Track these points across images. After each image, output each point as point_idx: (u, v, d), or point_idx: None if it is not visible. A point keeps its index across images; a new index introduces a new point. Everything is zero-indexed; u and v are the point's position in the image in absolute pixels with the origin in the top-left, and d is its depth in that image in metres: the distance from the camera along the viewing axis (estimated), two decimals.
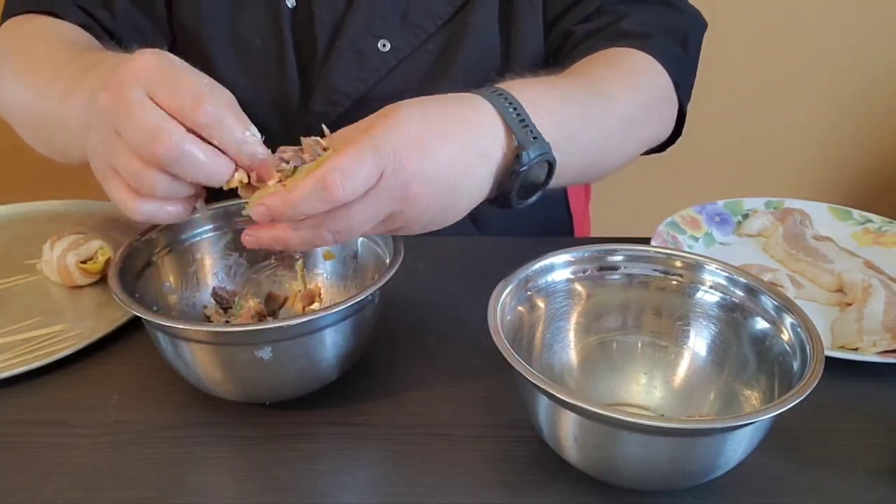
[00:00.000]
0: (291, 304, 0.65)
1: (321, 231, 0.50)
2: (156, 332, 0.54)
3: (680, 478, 0.48)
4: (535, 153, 0.55)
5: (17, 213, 0.85)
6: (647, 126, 0.72)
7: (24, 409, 0.58)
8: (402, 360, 0.62)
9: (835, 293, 0.71)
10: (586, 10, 0.78)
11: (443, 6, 0.77)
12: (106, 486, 0.51)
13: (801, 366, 0.48)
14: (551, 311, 0.57)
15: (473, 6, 0.77)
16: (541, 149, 0.55)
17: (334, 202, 0.48)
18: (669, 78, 0.74)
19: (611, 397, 0.57)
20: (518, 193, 0.57)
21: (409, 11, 0.77)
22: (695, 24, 0.80)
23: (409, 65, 0.78)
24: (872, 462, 0.53)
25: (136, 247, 0.60)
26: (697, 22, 0.81)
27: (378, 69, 0.77)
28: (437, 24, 0.77)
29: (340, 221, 0.50)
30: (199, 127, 0.48)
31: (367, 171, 0.48)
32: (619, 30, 0.75)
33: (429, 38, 0.78)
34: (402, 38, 0.77)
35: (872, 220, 0.81)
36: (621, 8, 0.77)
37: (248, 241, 0.52)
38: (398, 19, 0.77)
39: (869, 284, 0.68)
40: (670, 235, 0.77)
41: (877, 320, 0.64)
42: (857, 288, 0.69)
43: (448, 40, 0.78)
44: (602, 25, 0.77)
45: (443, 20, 0.77)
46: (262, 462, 0.53)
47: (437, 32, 0.78)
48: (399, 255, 0.57)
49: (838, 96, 1.53)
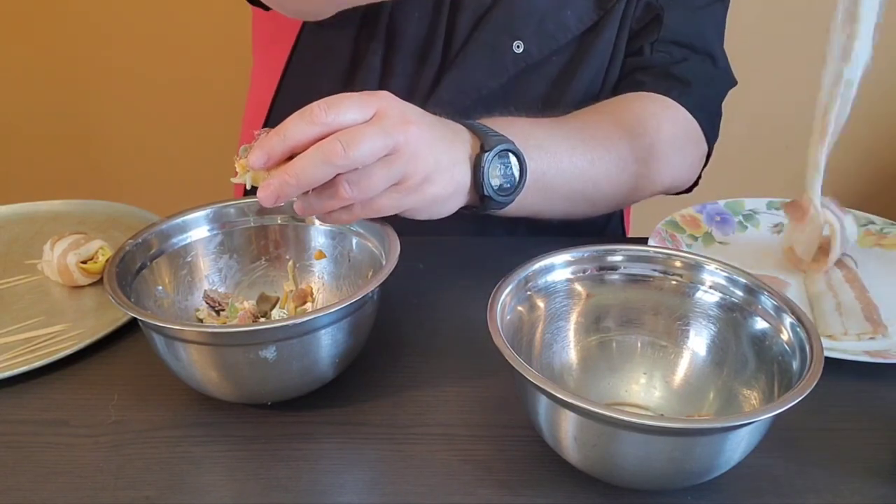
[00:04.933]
0: (283, 304, 0.65)
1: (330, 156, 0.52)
2: (156, 335, 0.54)
3: (679, 477, 0.48)
4: (496, 143, 0.61)
5: (17, 213, 0.85)
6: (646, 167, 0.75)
7: (24, 409, 0.58)
8: (402, 360, 0.63)
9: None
10: (641, 42, 0.81)
11: (575, 22, 0.79)
12: (106, 486, 0.51)
13: (800, 366, 0.48)
14: (551, 310, 0.57)
15: (602, 28, 0.79)
16: (501, 141, 0.62)
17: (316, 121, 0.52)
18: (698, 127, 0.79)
19: (610, 397, 0.57)
20: (499, 192, 0.63)
21: (546, 20, 0.79)
22: (727, 82, 0.85)
23: (536, 71, 0.81)
24: (872, 462, 0.53)
25: (130, 250, 0.60)
26: (730, 80, 0.85)
27: (508, 69, 0.79)
28: (568, 38, 0.79)
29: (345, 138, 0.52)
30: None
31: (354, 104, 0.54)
32: (668, 72, 0.79)
33: (558, 50, 0.80)
34: (535, 44, 0.79)
35: (874, 221, 0.81)
36: (674, 50, 0.80)
37: (261, 198, 0.54)
38: (535, 25, 0.78)
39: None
40: (669, 234, 0.77)
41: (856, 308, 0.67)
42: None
43: (571, 57, 0.81)
44: (653, 63, 0.80)
45: (574, 35, 0.79)
46: (261, 462, 0.53)
47: (566, 46, 0.80)
48: (396, 251, 0.57)
49: None
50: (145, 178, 1.77)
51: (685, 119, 0.78)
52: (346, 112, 0.54)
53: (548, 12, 0.78)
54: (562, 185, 0.69)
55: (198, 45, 1.64)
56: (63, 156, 1.79)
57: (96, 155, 1.79)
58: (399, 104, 0.57)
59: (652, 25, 0.80)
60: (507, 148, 0.62)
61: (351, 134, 0.53)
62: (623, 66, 0.82)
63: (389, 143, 0.54)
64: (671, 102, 0.78)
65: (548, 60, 0.80)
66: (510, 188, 0.63)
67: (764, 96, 1.54)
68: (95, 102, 1.72)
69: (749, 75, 1.50)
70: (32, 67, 1.70)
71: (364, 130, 0.53)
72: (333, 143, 0.52)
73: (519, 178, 0.64)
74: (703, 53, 0.82)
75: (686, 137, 0.79)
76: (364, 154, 0.53)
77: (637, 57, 0.82)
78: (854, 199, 1.64)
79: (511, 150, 0.62)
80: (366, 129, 0.53)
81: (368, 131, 0.53)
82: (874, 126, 1.55)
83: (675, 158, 0.78)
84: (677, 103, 0.78)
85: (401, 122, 0.55)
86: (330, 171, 0.53)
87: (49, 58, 1.68)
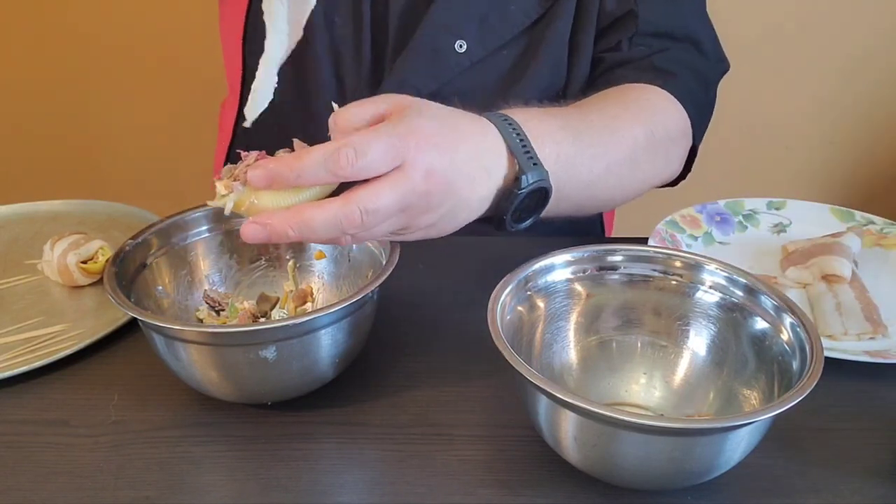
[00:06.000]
0: (283, 304, 0.65)
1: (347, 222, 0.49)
2: (156, 335, 0.54)
3: (679, 477, 0.48)
4: (533, 178, 0.57)
5: (17, 213, 0.85)
6: (652, 166, 0.74)
7: (24, 409, 0.58)
8: (402, 360, 0.63)
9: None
10: (619, 37, 0.79)
11: (520, 16, 0.78)
12: (106, 486, 0.51)
13: (800, 365, 0.48)
14: (551, 310, 0.57)
15: (550, 20, 0.78)
16: (539, 175, 0.57)
17: (340, 174, 0.49)
18: (688, 118, 0.76)
19: (610, 397, 0.57)
20: (513, 216, 0.59)
21: (489, 16, 0.77)
22: (718, 67, 0.83)
23: (483, 68, 0.79)
24: (872, 462, 0.53)
25: (129, 250, 0.60)
26: (721, 64, 0.83)
27: (451, 69, 0.78)
28: (514, 33, 0.78)
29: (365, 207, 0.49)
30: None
31: (381, 152, 0.49)
32: (649, 64, 0.77)
33: (504, 45, 0.79)
34: (478, 42, 0.78)
35: (875, 221, 0.81)
36: (654, 42, 0.78)
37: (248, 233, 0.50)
38: (477, 22, 0.77)
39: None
40: (669, 234, 0.77)
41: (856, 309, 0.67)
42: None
43: (523, 50, 0.79)
44: (633, 56, 0.78)
45: (519, 30, 0.78)
46: (261, 462, 0.53)
47: (514, 41, 0.79)
48: (396, 251, 0.57)
49: (839, 97, 1.53)
50: (145, 178, 1.77)
51: (678, 110, 0.77)
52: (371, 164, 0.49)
53: (490, 9, 0.77)
54: (576, 196, 0.66)
55: (198, 46, 1.64)
56: (63, 156, 1.79)
57: (96, 155, 1.79)
58: (427, 149, 0.51)
59: (627, 19, 0.78)
60: (542, 186, 0.58)
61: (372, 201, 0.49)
62: (602, 61, 0.80)
63: (405, 204, 0.51)
64: (667, 94, 0.76)
65: (496, 55, 0.79)
66: (527, 217, 0.61)
67: (764, 96, 1.54)
68: (95, 103, 1.72)
69: (749, 75, 1.51)
70: (32, 68, 1.70)
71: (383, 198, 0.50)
72: (352, 213, 0.49)
73: (540, 209, 0.61)
74: (684, 41, 0.79)
75: (680, 130, 0.77)
76: (378, 220, 0.50)
77: (615, 52, 0.80)
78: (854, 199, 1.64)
79: (545, 186, 0.58)
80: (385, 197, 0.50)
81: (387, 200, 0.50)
82: (874, 126, 1.55)
83: (673, 152, 0.77)
84: (671, 95, 0.76)
85: (423, 179, 0.51)
86: (340, 235, 0.51)
87: (49, 58, 1.68)
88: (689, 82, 0.77)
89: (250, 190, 0.51)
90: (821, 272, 0.72)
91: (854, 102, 1.53)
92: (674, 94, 0.76)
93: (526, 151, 0.57)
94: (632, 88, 0.75)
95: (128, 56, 1.66)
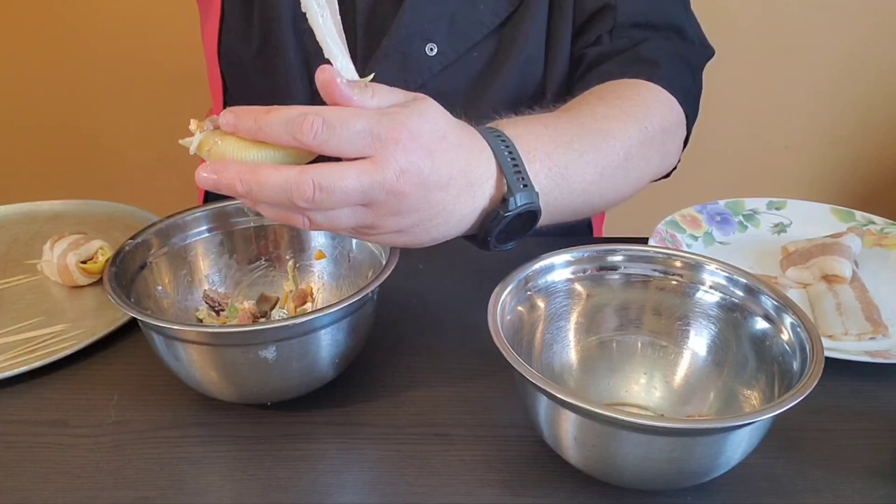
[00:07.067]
0: (283, 304, 0.65)
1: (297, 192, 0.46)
2: (156, 335, 0.54)
3: (680, 478, 0.48)
4: (522, 201, 0.54)
5: (17, 213, 0.85)
6: (647, 163, 0.72)
7: (24, 409, 0.58)
8: (402, 360, 0.62)
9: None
10: (599, 31, 0.78)
11: (489, 16, 0.77)
12: (106, 486, 0.51)
13: (800, 366, 0.48)
14: (551, 311, 0.57)
15: (521, 19, 0.77)
16: (528, 198, 0.54)
17: (300, 139, 0.46)
18: (680, 108, 0.74)
19: (610, 397, 0.57)
20: (497, 237, 0.56)
21: (457, 18, 0.77)
22: (703, 53, 0.81)
23: (455, 71, 0.79)
24: (872, 462, 0.53)
25: (129, 250, 0.60)
26: (706, 50, 0.82)
27: (422, 73, 0.78)
28: (484, 34, 0.78)
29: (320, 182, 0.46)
30: None
31: (353, 133, 0.46)
32: (633, 55, 0.76)
33: (475, 46, 0.78)
34: (448, 44, 0.77)
35: (875, 221, 0.81)
36: (635, 33, 0.77)
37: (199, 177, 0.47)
38: (446, 25, 0.77)
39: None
40: (669, 234, 0.77)
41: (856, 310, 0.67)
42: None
43: (495, 50, 0.79)
44: (615, 50, 0.77)
45: (489, 29, 0.77)
46: (261, 462, 0.53)
47: (485, 41, 0.78)
48: (396, 251, 0.57)
49: (838, 97, 1.53)
50: (145, 178, 1.77)
51: (669, 101, 0.74)
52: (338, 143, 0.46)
53: (458, 10, 0.76)
54: (570, 204, 0.64)
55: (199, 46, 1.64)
56: (63, 156, 1.79)
57: (96, 155, 1.79)
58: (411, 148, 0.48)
59: (605, 12, 0.77)
60: (530, 209, 0.55)
61: (328, 178, 0.46)
62: (585, 58, 0.79)
63: (369, 197, 0.47)
64: (655, 86, 0.74)
65: (468, 57, 0.78)
66: (513, 238, 0.58)
67: (764, 96, 1.54)
68: (95, 102, 1.72)
69: (749, 75, 1.51)
70: (32, 67, 1.70)
71: (344, 180, 0.46)
72: (305, 183, 0.45)
73: (527, 230, 0.58)
74: (665, 29, 0.78)
75: (674, 121, 0.75)
76: (334, 203, 0.47)
77: (596, 47, 0.78)
78: (854, 199, 1.65)
79: (534, 210, 0.55)
80: (346, 179, 0.46)
81: (347, 184, 0.46)
82: (874, 126, 1.55)
83: (670, 144, 0.75)
84: (660, 86, 0.74)
85: (397, 176, 0.47)
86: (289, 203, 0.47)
87: (49, 58, 1.68)
88: (675, 70, 0.75)
89: (218, 133, 0.49)
90: (821, 272, 0.72)
91: (854, 102, 1.52)
92: (662, 84, 0.74)
93: (517, 171, 0.54)
94: (621, 85, 0.74)
95: (128, 56, 1.66)
